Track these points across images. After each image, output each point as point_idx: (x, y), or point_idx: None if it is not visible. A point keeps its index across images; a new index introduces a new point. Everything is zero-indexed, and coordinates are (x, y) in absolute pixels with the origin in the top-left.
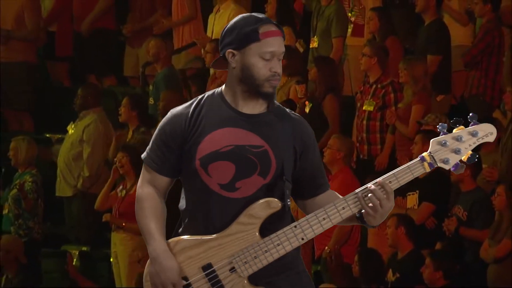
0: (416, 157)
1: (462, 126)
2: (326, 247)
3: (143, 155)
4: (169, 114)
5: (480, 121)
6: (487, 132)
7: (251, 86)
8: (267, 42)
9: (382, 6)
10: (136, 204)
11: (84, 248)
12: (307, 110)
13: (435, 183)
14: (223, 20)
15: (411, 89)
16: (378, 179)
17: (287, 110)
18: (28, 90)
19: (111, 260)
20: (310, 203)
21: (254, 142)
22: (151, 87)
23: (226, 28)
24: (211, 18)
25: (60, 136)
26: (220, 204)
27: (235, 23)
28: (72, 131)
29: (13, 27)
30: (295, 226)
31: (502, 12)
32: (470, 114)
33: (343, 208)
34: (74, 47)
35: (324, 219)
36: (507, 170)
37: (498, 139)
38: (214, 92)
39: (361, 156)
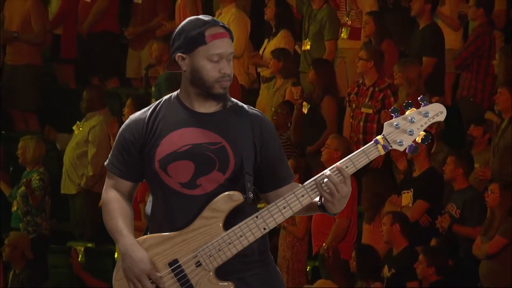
0: (411, 158)
1: (413, 108)
2: (324, 244)
3: (106, 162)
4: (127, 120)
5: (474, 122)
6: (437, 111)
7: (202, 88)
8: (213, 44)
9: (378, 11)
10: (103, 209)
11: (89, 245)
12: (305, 111)
13: (429, 182)
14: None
15: (405, 91)
16: (334, 165)
17: (245, 106)
18: (32, 91)
19: (115, 256)
20: (274, 195)
21: (211, 140)
22: (153, 89)
23: (175, 31)
24: None
25: (65, 135)
26: (182, 202)
27: (183, 26)
28: (78, 131)
29: (19, 30)
30: (257, 217)
31: (495, 16)
32: (421, 96)
33: (302, 196)
34: (78, 50)
35: (284, 207)
36: (499, 169)
37: (489, 139)
38: (171, 96)
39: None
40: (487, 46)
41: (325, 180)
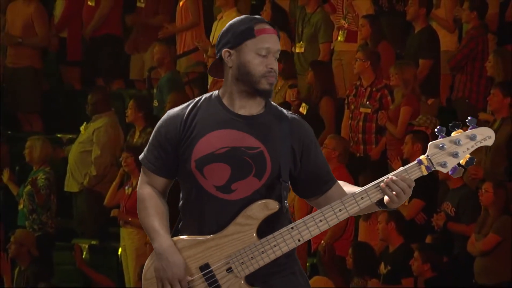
0: (406, 155)
1: (460, 130)
2: (322, 241)
3: (140, 157)
4: (165, 115)
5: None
6: (485, 135)
7: (248, 84)
8: (262, 38)
9: (374, 14)
10: (138, 205)
11: (94, 242)
12: (304, 111)
13: (425, 181)
14: (224, 26)
15: (401, 92)
16: (394, 173)
17: (284, 110)
18: (34, 93)
19: (119, 253)
20: (322, 200)
21: (250, 144)
22: (155, 90)
23: (222, 31)
24: (215, 25)
25: (71, 136)
26: (215, 206)
27: (230, 24)
28: (84, 131)
29: (21, 33)
30: (292, 228)
31: (488, 19)
32: (469, 118)
33: (340, 210)
34: (83, 52)
35: (320, 220)
36: (491, 169)
37: None
38: (211, 95)
39: (358, 155)
40: (480, 48)
41: (392, 184)
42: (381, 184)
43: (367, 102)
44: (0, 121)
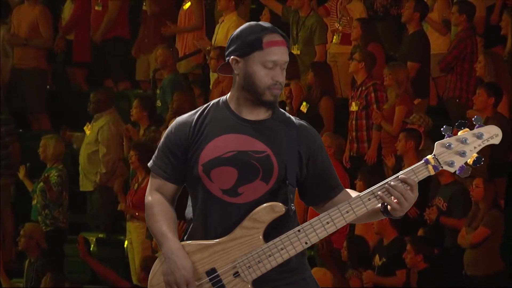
0: (400, 152)
1: (467, 129)
2: None
3: (149, 163)
4: (174, 122)
5: (456, 120)
6: (492, 134)
7: (253, 94)
8: (270, 51)
9: (365, 17)
10: (146, 212)
11: (101, 235)
12: (304, 110)
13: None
14: (224, 30)
15: (395, 92)
16: (396, 175)
17: (292, 117)
18: (40, 93)
19: (125, 245)
20: (329, 205)
21: (257, 148)
22: (158, 91)
23: (233, 35)
24: (216, 28)
25: (78, 134)
26: (222, 209)
27: (241, 31)
28: (89, 132)
29: (27, 35)
30: (299, 231)
31: (475, 22)
32: (475, 117)
33: (347, 212)
34: (92, 54)
35: (328, 223)
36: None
37: None
38: (219, 100)
39: (351, 154)
40: (469, 50)
41: (391, 190)
42: (379, 191)
43: (357, 101)
44: (9, 120)
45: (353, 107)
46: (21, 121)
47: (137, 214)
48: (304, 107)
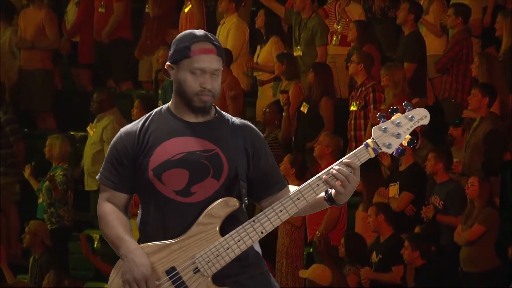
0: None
1: (399, 114)
2: (317, 232)
3: (98, 176)
4: (118, 133)
5: (452, 120)
6: (421, 115)
7: (183, 99)
8: (197, 59)
9: (361, 19)
10: (100, 222)
11: None
12: (305, 110)
13: (414, 175)
14: (225, 31)
15: (392, 92)
16: (341, 160)
17: (234, 117)
18: (46, 93)
19: None
20: (273, 201)
21: (205, 147)
22: (160, 91)
23: (172, 41)
24: (218, 30)
25: (82, 133)
26: (177, 210)
27: (176, 38)
28: (92, 132)
29: (33, 37)
30: (254, 221)
31: (471, 24)
32: (405, 102)
33: (298, 199)
34: (95, 55)
35: (281, 211)
36: (469, 164)
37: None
38: (161, 108)
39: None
40: (465, 51)
41: (335, 173)
42: (324, 175)
43: (357, 101)
44: (13, 119)
45: (353, 107)
46: (27, 120)
47: (138, 212)
48: (304, 108)
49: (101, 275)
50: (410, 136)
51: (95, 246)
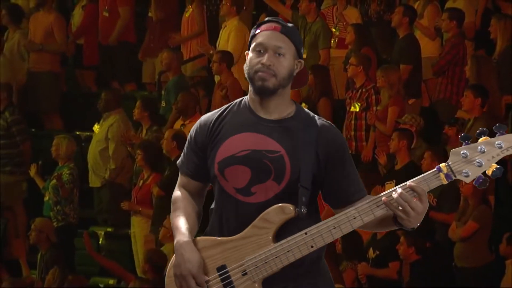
0: (392, 150)
1: (486, 137)
2: None
3: (178, 161)
4: (198, 121)
5: (448, 123)
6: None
7: (250, 83)
8: (259, 35)
9: (359, 23)
10: (171, 207)
11: (109, 229)
12: None
13: (409, 174)
14: (226, 34)
15: (387, 93)
16: (405, 183)
17: (316, 117)
18: (54, 95)
19: (132, 238)
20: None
21: (271, 147)
22: (163, 92)
23: None
24: (221, 33)
25: (88, 133)
26: (236, 208)
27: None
28: (98, 130)
29: (43, 40)
30: (306, 233)
31: (465, 27)
32: (497, 125)
33: (354, 218)
34: (100, 57)
35: (334, 227)
36: None
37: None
38: (242, 99)
39: (350, 152)
40: (461, 54)
41: (396, 197)
42: (384, 197)
43: (358, 102)
44: (20, 120)
45: (356, 108)
46: (34, 121)
47: (140, 210)
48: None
49: (106, 270)
50: (496, 165)
51: (100, 242)
